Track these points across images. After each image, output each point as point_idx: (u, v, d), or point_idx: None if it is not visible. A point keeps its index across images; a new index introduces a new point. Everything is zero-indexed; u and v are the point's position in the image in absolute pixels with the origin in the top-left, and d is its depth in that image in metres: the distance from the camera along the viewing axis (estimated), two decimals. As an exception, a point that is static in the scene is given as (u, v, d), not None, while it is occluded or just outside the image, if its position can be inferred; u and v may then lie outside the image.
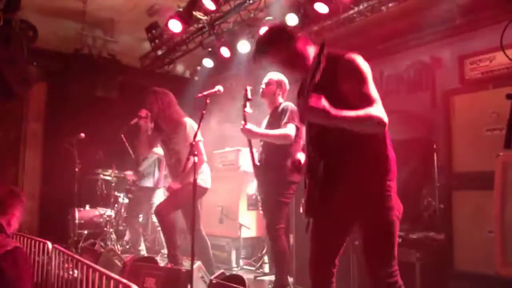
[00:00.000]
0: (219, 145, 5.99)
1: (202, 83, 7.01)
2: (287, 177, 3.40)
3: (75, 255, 3.27)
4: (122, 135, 5.25)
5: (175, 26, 5.52)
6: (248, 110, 3.44)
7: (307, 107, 1.72)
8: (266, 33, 2.18)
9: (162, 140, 4.18)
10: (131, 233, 5.68)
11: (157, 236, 5.93)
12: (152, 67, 7.29)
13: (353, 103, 1.83)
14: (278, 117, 3.53)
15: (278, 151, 3.46)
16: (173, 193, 3.90)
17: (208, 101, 3.31)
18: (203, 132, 3.69)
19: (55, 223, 5.98)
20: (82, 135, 5.61)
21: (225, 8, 5.43)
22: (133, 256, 4.05)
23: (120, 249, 5.55)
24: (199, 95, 3.41)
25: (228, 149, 5.86)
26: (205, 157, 3.97)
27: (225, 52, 5.93)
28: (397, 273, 1.94)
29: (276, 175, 3.43)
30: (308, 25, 5.19)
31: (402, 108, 4.75)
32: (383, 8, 4.68)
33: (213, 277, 3.17)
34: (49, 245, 3.43)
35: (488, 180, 2.78)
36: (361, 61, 1.95)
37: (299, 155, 2.84)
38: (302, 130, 3.35)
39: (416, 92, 5.12)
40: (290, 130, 3.40)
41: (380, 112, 1.82)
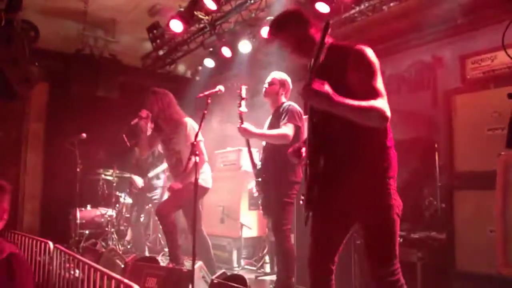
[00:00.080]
0: (220, 145, 6.00)
1: (203, 83, 7.03)
2: (289, 177, 3.38)
3: (76, 255, 3.28)
4: (123, 135, 5.26)
5: (176, 26, 5.52)
6: (243, 109, 3.43)
7: (310, 90, 1.72)
8: (283, 14, 2.18)
9: (162, 140, 4.18)
10: (134, 233, 5.69)
11: (158, 235, 5.95)
12: (153, 67, 7.29)
13: (358, 95, 1.82)
14: (279, 117, 3.48)
15: (279, 151, 3.42)
16: (174, 193, 3.90)
17: (209, 101, 3.31)
18: (204, 132, 3.68)
19: (57, 223, 5.98)
20: (84, 135, 5.61)
21: (226, 8, 5.43)
22: (134, 256, 4.06)
23: (121, 249, 5.55)
24: (201, 95, 3.41)
25: (229, 149, 5.86)
26: (206, 157, 3.97)
27: (226, 52, 5.93)
28: (398, 271, 1.91)
29: (278, 175, 3.40)
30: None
31: (404, 107, 4.73)
32: (384, 7, 4.68)
33: (214, 277, 3.18)
34: (51, 245, 3.44)
35: (490, 179, 2.78)
36: (371, 53, 1.94)
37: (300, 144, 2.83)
38: (303, 130, 3.34)
39: (418, 91, 5.12)
40: (288, 130, 3.34)
41: (383, 105, 1.82)
